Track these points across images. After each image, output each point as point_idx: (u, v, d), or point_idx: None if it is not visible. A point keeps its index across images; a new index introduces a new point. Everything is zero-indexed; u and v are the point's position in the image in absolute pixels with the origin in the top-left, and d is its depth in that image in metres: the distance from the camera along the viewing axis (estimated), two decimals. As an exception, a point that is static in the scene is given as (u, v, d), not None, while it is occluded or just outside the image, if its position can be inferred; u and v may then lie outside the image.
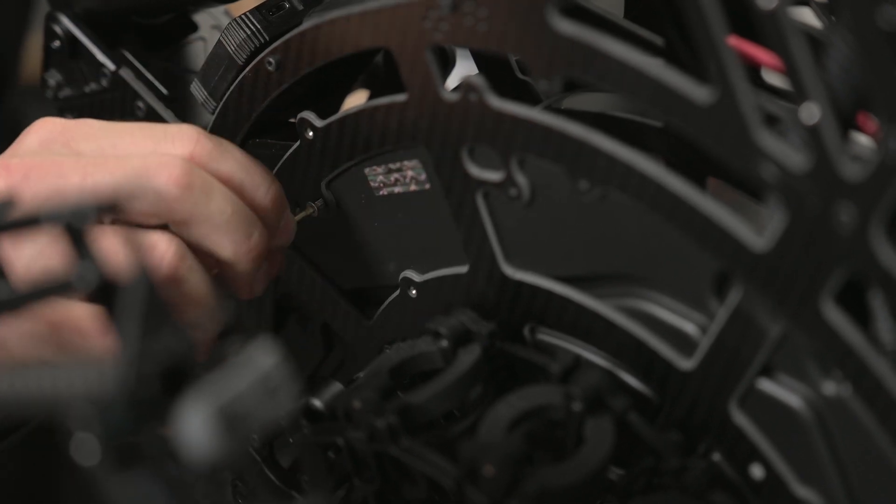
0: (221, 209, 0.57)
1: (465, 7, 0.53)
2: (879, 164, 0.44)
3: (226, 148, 0.59)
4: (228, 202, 0.57)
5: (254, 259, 0.58)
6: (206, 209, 0.57)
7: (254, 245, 0.58)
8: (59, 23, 0.69)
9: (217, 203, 0.57)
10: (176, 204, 0.56)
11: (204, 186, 0.57)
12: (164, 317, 0.41)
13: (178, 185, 0.56)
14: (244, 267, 0.58)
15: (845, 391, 0.49)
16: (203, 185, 0.57)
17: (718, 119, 0.47)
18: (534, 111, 0.53)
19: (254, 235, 0.58)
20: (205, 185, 0.57)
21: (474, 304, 0.59)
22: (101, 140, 0.59)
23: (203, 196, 0.57)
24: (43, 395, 0.42)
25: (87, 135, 0.59)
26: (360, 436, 0.54)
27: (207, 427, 0.39)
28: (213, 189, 0.57)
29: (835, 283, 0.47)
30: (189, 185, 0.56)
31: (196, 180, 0.56)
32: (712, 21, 0.46)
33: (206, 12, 0.72)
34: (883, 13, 0.42)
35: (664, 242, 0.52)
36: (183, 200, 0.56)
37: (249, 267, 0.59)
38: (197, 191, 0.56)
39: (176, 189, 0.56)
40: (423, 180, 0.59)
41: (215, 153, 0.58)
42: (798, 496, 0.51)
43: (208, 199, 0.57)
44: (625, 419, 0.53)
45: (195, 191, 0.56)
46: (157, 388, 0.40)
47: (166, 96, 0.68)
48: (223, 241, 0.57)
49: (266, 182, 0.59)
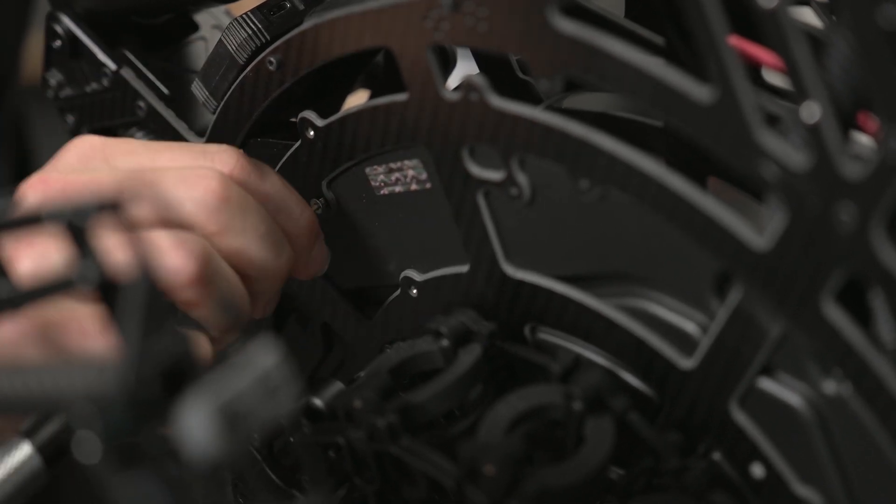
0: (255, 225, 0.58)
1: (466, 7, 0.53)
2: (880, 164, 0.44)
3: (265, 171, 0.60)
4: (263, 220, 0.58)
5: (278, 280, 0.59)
6: (241, 223, 0.57)
7: (282, 265, 0.59)
8: (60, 22, 0.69)
9: (252, 219, 0.58)
10: (212, 215, 0.56)
11: (241, 202, 0.57)
12: (165, 316, 0.41)
13: (216, 196, 0.57)
14: (267, 286, 0.59)
15: (846, 390, 0.49)
16: (240, 200, 0.57)
17: (719, 118, 0.47)
18: (535, 111, 0.53)
19: (283, 256, 0.59)
20: (242, 201, 0.57)
21: (475, 303, 0.59)
22: (140, 156, 0.59)
23: (239, 210, 0.57)
24: (43, 395, 0.42)
25: (126, 151, 0.60)
26: (360, 435, 0.54)
27: (208, 426, 0.39)
28: (250, 205, 0.58)
29: (835, 283, 0.47)
30: (227, 199, 0.57)
31: (234, 194, 0.57)
32: (713, 20, 0.46)
33: (206, 12, 0.72)
34: (883, 12, 0.42)
35: (665, 242, 0.52)
36: (219, 212, 0.56)
37: (272, 287, 0.59)
38: (234, 204, 0.57)
39: (214, 200, 0.56)
40: (424, 180, 0.59)
41: (254, 174, 0.59)
42: (798, 495, 0.51)
43: (244, 214, 0.57)
44: (625, 419, 0.53)
45: (232, 204, 0.57)
46: (158, 388, 0.40)
47: (167, 96, 0.68)
48: (253, 256, 0.58)
49: (300, 208, 0.60)
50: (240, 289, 0.58)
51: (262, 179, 0.60)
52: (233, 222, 0.57)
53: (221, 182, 0.57)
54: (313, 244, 0.62)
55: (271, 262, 0.58)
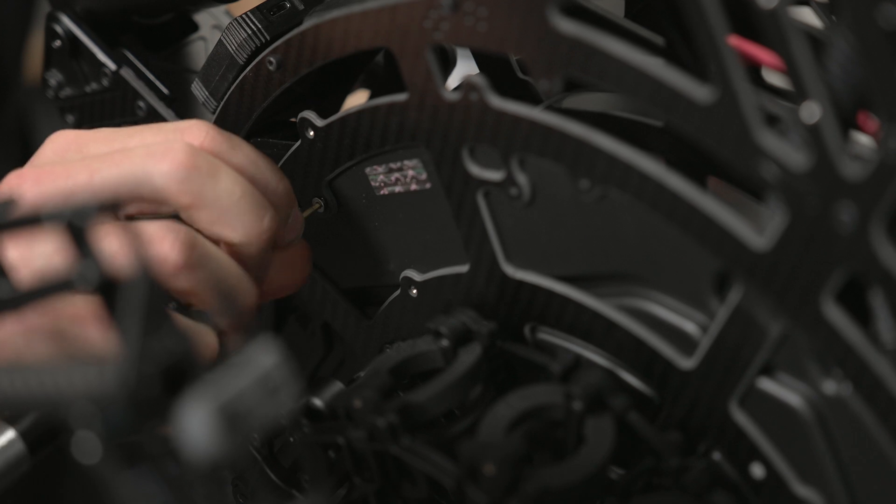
0: (230, 190, 0.56)
1: (466, 7, 0.53)
2: (880, 164, 0.44)
3: (236, 142, 0.59)
4: (237, 183, 0.57)
5: (265, 242, 0.58)
6: (214, 190, 0.56)
7: (266, 227, 0.57)
8: (60, 22, 0.69)
9: (224, 184, 0.56)
10: (182, 185, 0.55)
11: (210, 168, 0.56)
12: (165, 315, 0.41)
13: (182, 166, 0.55)
14: (255, 250, 0.57)
15: (845, 390, 0.49)
16: (209, 166, 0.56)
17: (719, 118, 0.47)
18: (534, 111, 0.53)
19: (265, 218, 0.57)
20: (210, 167, 0.56)
21: (475, 303, 0.59)
22: (112, 142, 0.59)
23: (209, 177, 0.56)
24: (44, 394, 0.42)
25: (99, 139, 0.59)
26: (360, 435, 0.54)
27: (208, 426, 0.39)
28: (220, 170, 0.56)
29: (835, 283, 0.47)
30: (194, 167, 0.56)
31: (201, 162, 0.56)
32: (713, 20, 0.46)
33: (206, 12, 0.72)
34: (883, 12, 0.42)
35: (665, 242, 0.52)
36: (188, 181, 0.55)
37: (260, 251, 0.58)
38: (203, 172, 0.56)
39: (181, 171, 0.55)
40: (424, 180, 0.59)
41: (226, 145, 0.58)
42: (798, 495, 0.51)
43: (215, 180, 0.56)
44: (625, 419, 0.53)
45: (201, 171, 0.56)
46: (158, 387, 0.40)
47: (167, 96, 0.68)
48: (233, 222, 0.57)
49: (276, 175, 0.59)
50: (233, 268, 0.57)
51: (234, 149, 0.58)
52: (205, 190, 0.56)
53: (188, 152, 0.56)
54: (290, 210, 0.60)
55: (254, 225, 0.57)
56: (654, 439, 0.53)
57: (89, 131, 0.60)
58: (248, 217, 0.57)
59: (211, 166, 0.56)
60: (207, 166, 0.56)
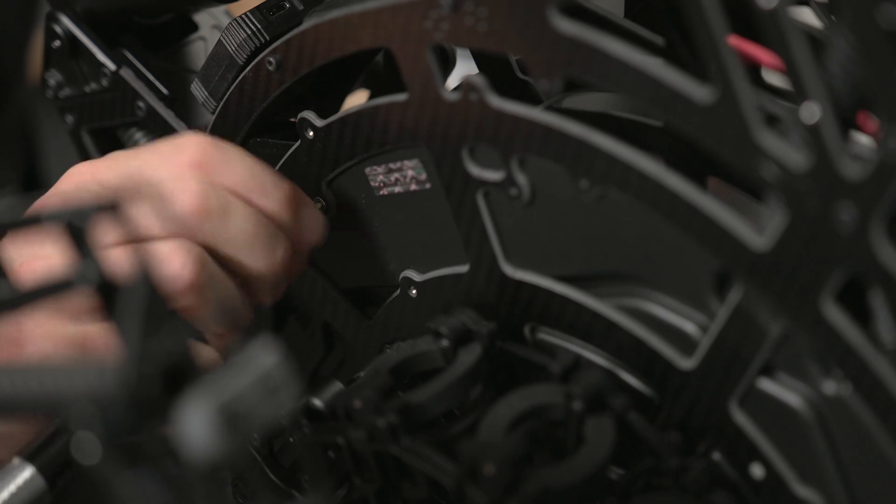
0: (242, 228, 0.57)
1: (466, 7, 0.53)
2: (880, 164, 0.44)
3: (232, 153, 0.59)
4: (248, 220, 0.58)
5: (281, 272, 0.59)
6: (227, 231, 0.57)
7: (279, 259, 0.58)
8: (60, 22, 0.69)
9: (237, 223, 0.57)
10: (197, 230, 0.56)
11: (221, 208, 0.57)
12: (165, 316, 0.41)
13: (195, 211, 0.56)
14: (272, 280, 0.59)
15: (845, 390, 0.49)
16: (220, 206, 0.57)
17: (719, 118, 0.47)
18: (534, 111, 0.53)
19: (279, 250, 0.58)
20: (222, 207, 0.57)
21: (475, 303, 0.59)
22: (120, 167, 0.59)
23: (222, 219, 0.57)
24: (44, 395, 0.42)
25: (109, 166, 0.59)
26: (360, 435, 0.54)
27: (208, 426, 0.39)
28: (231, 209, 0.57)
29: (835, 283, 0.47)
30: (207, 210, 0.56)
31: (213, 203, 0.57)
32: (713, 21, 0.46)
33: (206, 12, 0.73)
34: (883, 12, 0.42)
35: (664, 242, 0.52)
36: (203, 225, 0.56)
37: (277, 280, 0.59)
38: (215, 214, 0.57)
39: (194, 216, 0.56)
40: (424, 180, 0.59)
41: (222, 160, 0.58)
42: (798, 495, 0.51)
43: (227, 220, 0.57)
44: (625, 419, 0.53)
45: (213, 214, 0.56)
46: (158, 388, 0.40)
47: (167, 96, 0.68)
48: (249, 259, 0.57)
49: (275, 181, 0.59)
50: (234, 292, 0.58)
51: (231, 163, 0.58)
52: (218, 232, 0.57)
53: (197, 193, 0.56)
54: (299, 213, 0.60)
55: (268, 260, 0.58)
56: (653, 439, 0.53)
57: (102, 159, 0.60)
58: (262, 252, 0.58)
59: (222, 205, 0.57)
60: (218, 206, 0.57)
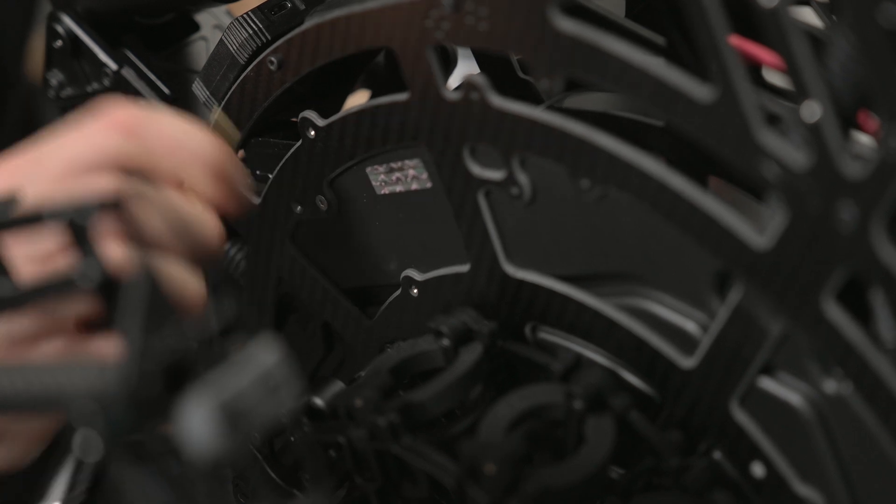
0: (168, 133, 0.54)
1: (467, 6, 0.53)
2: (880, 163, 0.44)
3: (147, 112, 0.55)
4: (171, 124, 0.54)
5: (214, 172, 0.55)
6: (148, 141, 0.53)
7: (209, 158, 0.54)
8: (61, 22, 0.69)
9: (159, 129, 0.53)
10: (119, 148, 0.52)
11: (140, 122, 0.53)
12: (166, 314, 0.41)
13: (113, 126, 0.52)
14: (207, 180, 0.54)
15: (846, 389, 0.49)
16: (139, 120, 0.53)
17: (720, 118, 0.47)
18: (535, 110, 0.53)
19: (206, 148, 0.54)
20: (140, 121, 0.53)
21: (475, 303, 0.59)
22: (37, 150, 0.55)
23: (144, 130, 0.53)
24: (45, 393, 0.42)
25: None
26: (361, 434, 0.54)
27: (209, 424, 0.39)
28: (149, 119, 0.53)
29: (836, 282, 0.47)
30: (125, 125, 0.53)
31: (129, 120, 0.53)
32: (714, 20, 0.46)
33: (207, 12, 0.73)
34: (883, 11, 0.42)
35: (665, 241, 0.52)
36: (130, 136, 0.52)
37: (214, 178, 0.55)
38: (134, 130, 0.53)
39: (120, 130, 0.52)
40: (425, 179, 0.59)
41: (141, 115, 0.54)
42: (799, 494, 0.51)
43: (147, 131, 0.53)
44: (626, 418, 0.53)
45: (132, 130, 0.53)
46: (159, 386, 0.40)
47: (168, 96, 0.68)
48: (176, 162, 0.53)
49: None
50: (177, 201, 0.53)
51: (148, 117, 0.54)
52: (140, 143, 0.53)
53: (118, 113, 0.53)
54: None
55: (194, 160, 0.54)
56: (654, 439, 0.53)
57: None
58: (186, 153, 0.54)
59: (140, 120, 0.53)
60: (136, 122, 0.53)
